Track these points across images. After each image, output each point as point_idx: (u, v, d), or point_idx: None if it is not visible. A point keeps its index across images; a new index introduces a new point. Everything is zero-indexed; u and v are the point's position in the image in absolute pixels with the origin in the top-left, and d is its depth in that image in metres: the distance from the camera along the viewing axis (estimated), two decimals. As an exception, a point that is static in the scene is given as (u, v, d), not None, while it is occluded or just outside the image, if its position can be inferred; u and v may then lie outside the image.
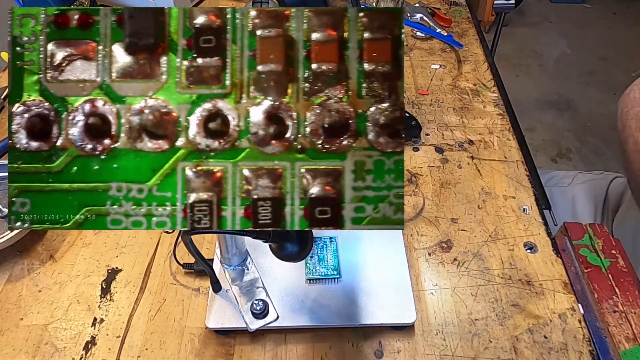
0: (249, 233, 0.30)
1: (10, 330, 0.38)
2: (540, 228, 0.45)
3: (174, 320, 0.39)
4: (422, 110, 0.58)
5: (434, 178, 0.50)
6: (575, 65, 1.89)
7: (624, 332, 0.37)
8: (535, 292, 0.40)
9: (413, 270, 0.42)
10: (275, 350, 0.37)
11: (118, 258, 0.43)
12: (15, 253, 0.43)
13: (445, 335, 0.38)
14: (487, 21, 0.95)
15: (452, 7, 0.76)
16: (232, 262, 0.37)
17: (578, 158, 1.54)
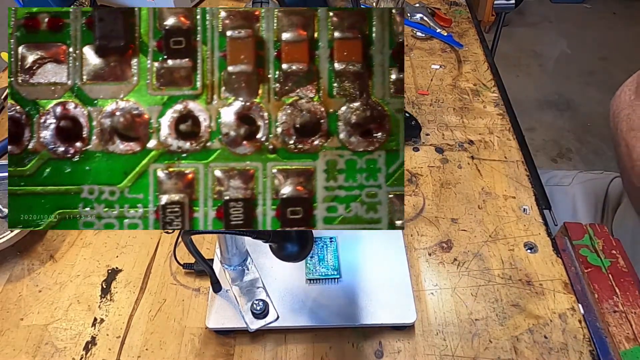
0: (249, 233, 0.30)
1: (11, 331, 0.38)
2: (540, 228, 0.45)
3: (174, 320, 0.39)
4: (422, 110, 0.58)
5: (434, 178, 0.50)
6: (575, 65, 1.89)
7: (624, 332, 0.37)
8: (535, 292, 0.40)
9: (413, 270, 0.42)
10: (275, 350, 0.37)
11: (118, 258, 0.43)
12: (16, 253, 0.43)
13: (446, 335, 0.38)
14: (487, 21, 0.95)
15: (452, 7, 0.76)
16: (232, 262, 0.37)
17: (578, 158, 1.54)
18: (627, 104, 0.51)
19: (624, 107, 0.51)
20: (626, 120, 0.50)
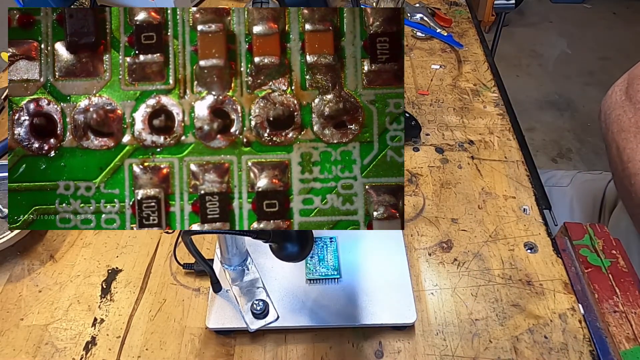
0: (249, 233, 0.30)
1: (11, 331, 0.38)
2: (540, 228, 0.45)
3: (174, 320, 0.39)
4: (422, 110, 0.58)
5: (434, 178, 0.50)
6: (575, 65, 1.90)
7: (625, 332, 0.37)
8: (535, 292, 0.40)
9: (413, 271, 0.42)
10: (275, 350, 0.37)
11: (118, 258, 0.43)
12: (16, 253, 0.43)
13: (446, 335, 0.38)
14: (487, 21, 0.95)
15: (452, 7, 0.76)
16: (232, 262, 0.37)
17: (578, 158, 1.54)
18: (618, 104, 0.50)
19: (615, 108, 0.51)
20: (616, 121, 0.49)
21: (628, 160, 0.46)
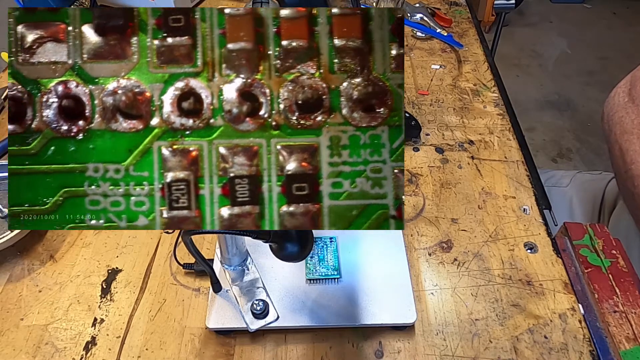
0: (249, 233, 0.30)
1: (11, 331, 0.38)
2: (540, 228, 0.45)
3: (174, 320, 0.39)
4: (422, 110, 0.58)
5: (434, 178, 0.50)
6: (575, 65, 1.90)
7: (624, 332, 0.37)
8: (535, 292, 0.40)
9: (413, 270, 0.42)
10: (275, 350, 0.37)
11: (118, 258, 0.43)
12: (16, 253, 0.43)
13: (446, 335, 0.38)
14: (487, 21, 0.95)
15: (452, 7, 0.76)
16: (232, 262, 0.37)
17: (578, 158, 1.54)
18: (621, 106, 0.50)
19: (617, 110, 0.50)
20: (619, 123, 0.49)
21: (631, 162, 0.46)
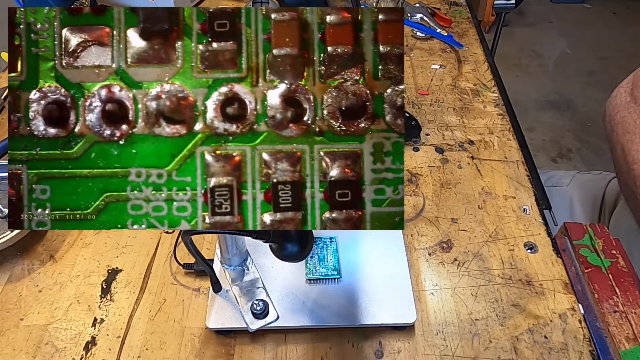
0: (249, 233, 0.30)
1: (11, 331, 0.38)
2: (540, 228, 0.45)
3: (174, 320, 0.39)
4: (422, 110, 0.58)
5: (434, 178, 0.50)
6: (575, 65, 1.90)
7: (624, 332, 0.37)
8: (535, 292, 0.40)
9: (413, 270, 0.42)
10: (275, 350, 0.37)
11: (118, 258, 0.43)
12: (16, 253, 0.43)
13: (446, 335, 0.38)
14: (487, 21, 0.95)
15: (452, 7, 0.76)
16: (232, 262, 0.37)
17: (578, 158, 1.54)
18: (623, 106, 0.50)
19: (619, 110, 0.50)
20: (621, 122, 0.49)
21: (633, 161, 0.46)
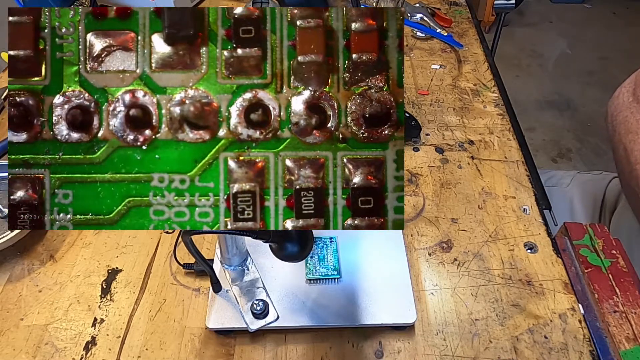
0: (249, 233, 0.30)
1: (11, 331, 0.38)
2: (540, 228, 0.45)
3: (174, 320, 0.39)
4: (422, 110, 0.58)
5: (434, 178, 0.50)
6: (575, 65, 1.90)
7: (625, 332, 0.37)
8: (535, 292, 0.40)
9: (413, 271, 0.42)
10: (275, 350, 0.37)
11: (118, 258, 0.43)
12: (16, 253, 0.43)
13: (446, 335, 0.38)
14: (487, 21, 0.95)
15: (452, 7, 0.76)
16: (232, 262, 0.37)
17: (578, 158, 1.54)
18: (625, 106, 0.50)
19: (622, 110, 0.50)
20: (624, 122, 0.49)
21: (636, 161, 0.46)
